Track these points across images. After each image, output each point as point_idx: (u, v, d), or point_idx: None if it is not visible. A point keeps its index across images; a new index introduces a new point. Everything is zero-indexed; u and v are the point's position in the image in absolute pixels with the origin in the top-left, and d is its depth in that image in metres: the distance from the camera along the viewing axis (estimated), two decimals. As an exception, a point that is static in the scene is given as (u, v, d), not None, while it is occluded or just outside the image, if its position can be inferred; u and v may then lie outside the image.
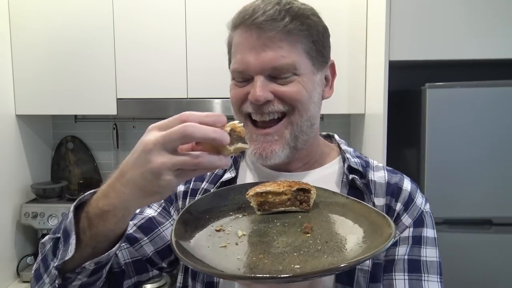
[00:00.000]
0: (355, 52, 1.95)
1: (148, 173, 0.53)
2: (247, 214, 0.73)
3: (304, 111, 0.76)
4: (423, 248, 0.76)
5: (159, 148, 0.53)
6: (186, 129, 0.52)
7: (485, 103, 1.67)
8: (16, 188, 2.08)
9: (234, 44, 0.77)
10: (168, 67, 1.97)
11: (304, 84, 0.75)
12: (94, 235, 0.61)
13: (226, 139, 0.55)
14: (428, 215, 0.80)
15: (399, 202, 0.78)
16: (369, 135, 1.96)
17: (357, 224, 0.65)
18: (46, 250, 0.68)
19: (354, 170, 0.81)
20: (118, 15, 1.96)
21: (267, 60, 0.72)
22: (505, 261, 1.69)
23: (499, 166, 1.68)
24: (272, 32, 0.71)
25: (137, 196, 0.56)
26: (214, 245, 0.64)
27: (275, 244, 0.62)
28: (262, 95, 0.72)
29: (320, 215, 0.70)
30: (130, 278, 0.80)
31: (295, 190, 0.71)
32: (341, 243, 0.61)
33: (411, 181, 0.82)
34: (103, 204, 0.59)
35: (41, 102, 2.02)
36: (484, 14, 1.71)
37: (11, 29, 1.99)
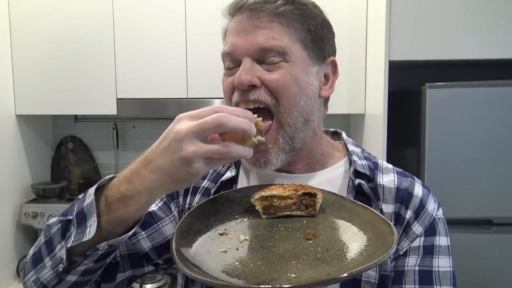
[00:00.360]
0: (355, 52, 1.95)
1: (179, 160, 0.55)
2: (252, 218, 0.72)
3: (292, 105, 0.71)
4: (435, 258, 0.73)
5: (191, 137, 0.54)
6: (221, 118, 0.54)
7: (485, 103, 1.67)
8: (16, 188, 2.08)
9: (227, 31, 0.76)
10: (168, 67, 1.97)
11: (293, 73, 0.71)
12: (112, 220, 0.61)
13: (254, 130, 0.58)
14: (441, 222, 0.76)
15: (409, 209, 0.74)
16: (369, 135, 1.96)
17: (362, 231, 0.64)
18: (52, 232, 0.67)
19: (361, 173, 0.77)
20: (118, 15, 1.96)
21: (255, 40, 0.69)
22: (505, 261, 1.69)
23: (499, 166, 1.68)
24: (262, 13, 0.69)
25: (164, 183, 0.57)
26: (215, 249, 0.64)
27: (275, 250, 0.62)
28: (246, 78, 0.69)
29: (325, 220, 0.69)
30: (124, 271, 0.78)
31: (300, 194, 0.70)
32: (342, 252, 0.60)
33: (422, 185, 0.78)
34: (126, 189, 0.59)
35: (41, 102, 2.02)
36: (484, 14, 1.71)
37: (11, 29, 1.99)
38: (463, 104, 1.68)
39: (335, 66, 0.80)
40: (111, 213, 0.61)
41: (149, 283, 1.95)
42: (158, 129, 2.34)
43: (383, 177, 0.77)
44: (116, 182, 0.61)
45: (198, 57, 1.93)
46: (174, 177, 0.57)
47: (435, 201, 0.77)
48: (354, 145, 0.84)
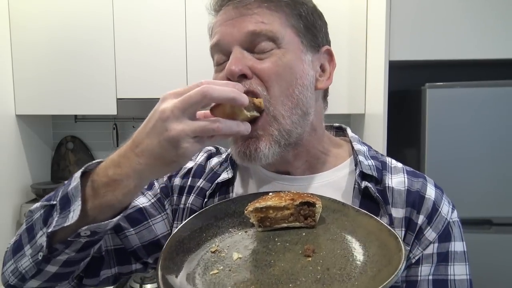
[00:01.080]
0: (355, 52, 1.95)
1: (166, 141, 0.52)
2: (247, 231, 0.66)
3: (286, 95, 0.65)
4: (451, 265, 0.67)
5: (177, 115, 0.52)
6: (205, 89, 0.51)
7: (485, 103, 1.67)
8: (16, 188, 2.08)
9: (213, 27, 0.71)
10: (168, 67, 1.97)
11: (287, 60, 0.65)
12: (98, 205, 0.58)
13: (245, 99, 0.54)
14: (456, 225, 0.69)
15: (421, 214, 0.67)
16: (369, 135, 1.96)
17: (366, 245, 0.58)
18: (34, 218, 0.63)
19: (367, 175, 0.70)
20: (118, 15, 1.96)
21: (243, 26, 0.65)
22: (505, 261, 1.70)
23: (499, 166, 1.68)
24: (249, 0, 0.65)
25: (153, 165, 0.55)
26: (206, 271, 0.59)
27: (270, 270, 0.57)
28: (237, 67, 0.63)
29: (326, 232, 0.63)
30: (110, 268, 0.74)
31: (298, 204, 0.63)
32: (344, 271, 0.54)
33: (435, 186, 0.72)
34: (113, 173, 0.56)
35: (41, 102, 2.02)
36: (484, 14, 1.71)
37: (11, 29, 1.99)
38: (463, 104, 1.68)
39: (331, 55, 0.73)
40: (98, 198, 0.57)
41: (149, 283, 1.95)
42: (158, 129, 2.35)
43: (392, 178, 0.71)
44: (103, 166, 0.58)
45: (198, 57, 1.93)
46: (162, 159, 0.54)
47: (449, 203, 0.71)
48: (360, 142, 0.78)
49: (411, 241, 0.67)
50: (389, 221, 0.66)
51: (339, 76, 1.97)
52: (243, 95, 0.55)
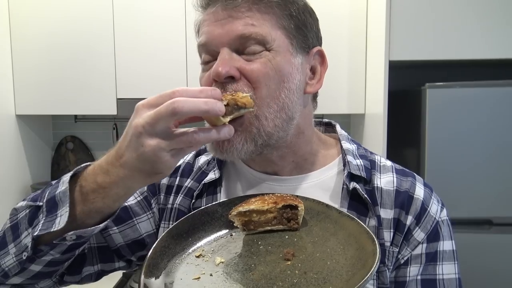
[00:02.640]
0: (355, 52, 1.95)
1: (143, 157, 0.51)
2: (233, 234, 0.67)
3: (272, 98, 0.63)
4: (439, 264, 0.67)
5: (149, 131, 0.50)
6: (175, 105, 0.49)
7: (485, 103, 1.67)
8: (16, 188, 2.08)
9: (200, 24, 0.69)
10: (168, 66, 1.97)
11: (276, 62, 0.64)
12: (87, 210, 0.58)
13: (220, 109, 0.52)
14: (445, 225, 0.69)
15: (409, 214, 0.67)
16: (369, 135, 1.96)
17: (345, 247, 0.59)
18: (19, 217, 0.63)
19: (356, 176, 0.69)
20: (119, 15, 1.96)
21: (233, 28, 0.63)
22: (505, 261, 1.69)
23: (499, 166, 1.68)
24: (238, 1, 0.63)
25: (137, 177, 0.54)
26: (188, 276, 0.59)
27: (250, 275, 0.58)
28: (224, 69, 0.61)
29: (308, 234, 0.64)
30: (92, 265, 0.73)
31: (280, 207, 0.64)
32: (320, 275, 0.55)
33: (424, 185, 0.72)
34: (102, 181, 0.56)
35: (41, 102, 2.02)
36: (484, 14, 1.72)
37: (11, 29, 1.99)
38: (463, 104, 1.68)
39: (323, 57, 0.71)
40: (87, 204, 0.57)
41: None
42: (158, 129, 2.34)
43: (381, 177, 0.70)
44: (92, 172, 0.58)
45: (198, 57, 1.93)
46: (144, 172, 0.53)
47: (438, 202, 0.71)
48: (349, 140, 0.76)
49: (399, 242, 0.67)
50: (377, 223, 0.66)
51: (339, 76, 1.98)
52: (217, 105, 0.52)
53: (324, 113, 2.15)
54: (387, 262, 0.66)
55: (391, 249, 0.67)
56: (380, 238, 0.66)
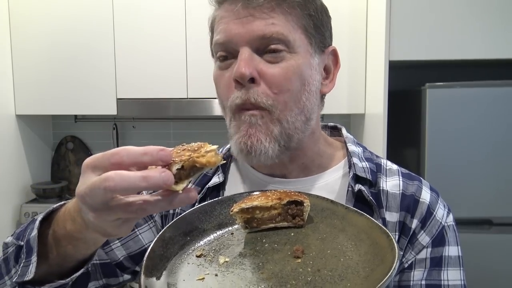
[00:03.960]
0: (355, 52, 1.95)
1: (91, 224, 0.48)
2: (233, 232, 0.64)
3: (294, 102, 0.63)
4: (444, 270, 0.66)
5: (88, 202, 0.45)
6: (106, 184, 0.43)
7: (485, 103, 1.67)
8: (16, 188, 2.08)
9: (216, 22, 0.66)
10: (168, 67, 1.97)
11: (297, 65, 0.63)
12: (62, 255, 0.56)
13: (165, 181, 0.43)
14: (451, 230, 0.68)
15: (415, 218, 0.67)
16: (369, 135, 1.96)
17: (356, 243, 0.56)
18: (8, 252, 0.62)
19: (361, 178, 0.68)
20: (119, 16, 1.96)
21: (254, 27, 0.61)
22: (505, 261, 1.69)
23: (499, 166, 1.68)
24: (260, 0, 0.61)
25: (97, 234, 0.50)
26: (191, 276, 0.55)
27: (259, 274, 0.54)
28: (247, 70, 0.60)
29: (315, 231, 0.61)
30: (97, 280, 0.72)
31: (285, 203, 0.61)
32: (335, 272, 0.52)
33: (430, 189, 0.71)
34: (70, 229, 0.53)
35: (41, 102, 2.02)
36: (484, 14, 1.71)
37: (11, 30, 1.99)
38: (463, 104, 1.68)
39: (336, 56, 0.71)
40: (60, 249, 0.55)
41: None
42: (158, 129, 2.35)
43: (386, 180, 0.70)
44: (62, 216, 0.55)
45: (198, 57, 1.93)
46: (101, 232, 0.49)
47: (444, 206, 0.70)
48: (355, 143, 0.76)
49: (404, 246, 0.66)
50: (382, 225, 0.65)
51: (339, 76, 1.96)
52: (161, 178, 0.43)
53: (324, 113, 2.15)
54: None
55: None
56: None
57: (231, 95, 0.64)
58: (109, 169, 0.44)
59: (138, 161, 0.44)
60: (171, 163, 0.45)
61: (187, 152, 0.47)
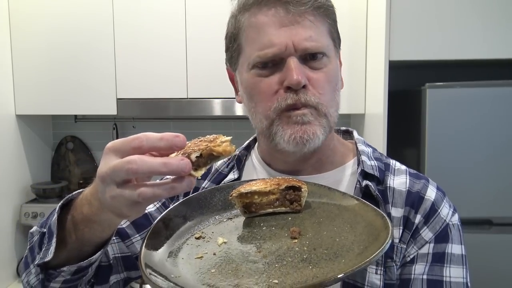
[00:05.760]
0: (355, 52, 1.95)
1: (107, 203, 0.51)
2: (232, 217, 0.66)
3: (331, 101, 0.69)
4: (446, 267, 0.67)
5: (108, 182, 0.48)
6: (130, 166, 0.46)
7: (485, 103, 1.67)
8: (16, 188, 2.08)
9: (251, 27, 0.68)
10: (168, 67, 1.97)
11: (332, 68, 0.70)
12: (80, 239, 0.59)
13: (183, 169, 0.47)
14: (456, 229, 0.70)
15: (419, 213, 0.69)
16: (369, 135, 1.96)
17: (352, 225, 0.58)
18: (34, 241, 0.67)
19: (369, 175, 0.72)
20: (119, 15, 1.96)
21: (301, 40, 0.65)
22: (505, 261, 1.69)
23: (499, 166, 1.68)
24: (303, 7, 0.64)
25: (111, 215, 0.53)
26: (190, 256, 0.57)
27: (256, 253, 0.56)
28: (302, 78, 0.65)
29: (312, 215, 0.63)
30: (118, 273, 0.76)
31: (283, 188, 0.63)
32: (331, 250, 0.54)
33: (437, 188, 0.73)
34: (87, 212, 0.56)
35: (41, 102, 2.02)
36: (484, 14, 1.71)
37: (11, 30, 1.99)
38: (463, 104, 1.68)
39: (339, 54, 0.78)
40: (78, 233, 0.59)
41: (149, 283, 1.94)
42: (158, 129, 2.35)
43: (394, 179, 0.73)
44: (79, 202, 0.59)
45: (198, 57, 1.93)
46: (115, 212, 0.52)
47: (450, 206, 0.72)
48: (365, 144, 0.80)
49: (407, 240, 0.68)
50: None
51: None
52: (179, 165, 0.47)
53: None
54: (395, 257, 0.67)
55: (399, 246, 0.68)
56: None
57: (278, 98, 0.67)
58: (130, 153, 0.48)
59: (155, 146, 0.49)
60: (190, 152, 0.50)
61: (204, 142, 0.52)
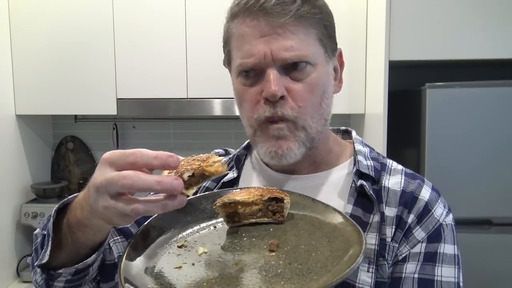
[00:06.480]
0: (355, 52, 1.95)
1: (98, 211, 0.52)
2: (216, 226, 0.67)
3: (315, 110, 0.68)
4: (438, 266, 0.67)
5: (102, 192, 0.50)
6: (125, 182, 0.49)
7: (485, 103, 1.67)
8: (16, 188, 2.08)
9: (236, 36, 0.68)
10: (168, 67, 1.97)
11: (317, 77, 0.68)
12: (75, 242, 0.60)
13: (176, 188, 0.50)
14: (449, 229, 0.70)
15: (412, 213, 0.69)
16: (369, 135, 1.96)
17: (330, 240, 0.59)
18: (37, 242, 0.68)
19: (365, 174, 0.72)
20: (119, 15, 1.96)
21: (280, 50, 0.64)
22: (505, 261, 1.69)
23: (499, 166, 1.68)
24: (283, 18, 0.63)
25: (102, 221, 0.55)
26: (170, 265, 0.58)
27: (233, 265, 0.57)
28: (279, 90, 0.64)
29: (293, 227, 0.64)
30: None
31: (266, 199, 0.64)
32: (305, 265, 0.55)
33: (432, 189, 0.73)
34: (80, 216, 0.58)
35: (41, 102, 2.02)
36: (484, 14, 1.71)
37: (11, 30, 1.99)
38: (463, 104, 1.68)
39: (341, 56, 0.76)
40: (73, 236, 0.60)
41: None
42: (158, 129, 2.35)
43: (389, 178, 0.73)
44: (74, 206, 0.60)
45: (198, 57, 1.93)
46: (105, 220, 0.54)
47: (444, 206, 0.72)
48: (363, 144, 0.80)
49: (399, 239, 0.68)
50: (380, 219, 0.68)
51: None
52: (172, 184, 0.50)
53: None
54: (386, 256, 0.68)
55: (391, 245, 0.68)
56: (382, 233, 0.68)
57: (259, 109, 0.68)
58: (125, 167, 0.51)
59: (149, 163, 0.51)
60: (183, 171, 0.51)
61: (197, 162, 0.53)
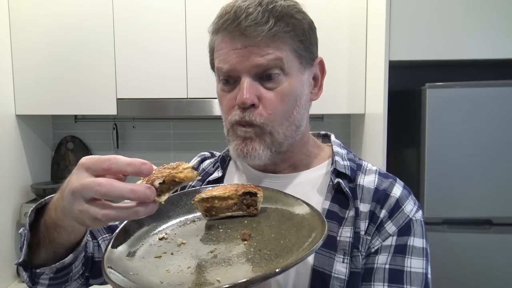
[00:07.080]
0: (355, 52, 1.95)
1: (74, 212, 0.54)
2: (195, 220, 0.72)
3: (285, 118, 0.73)
4: (408, 258, 0.72)
5: (77, 196, 0.52)
6: (99, 188, 0.51)
7: (485, 103, 1.67)
8: (16, 188, 2.08)
9: (216, 47, 0.74)
10: (168, 67, 1.97)
11: (291, 86, 0.72)
12: (52, 242, 0.62)
13: (148, 197, 0.51)
14: (418, 224, 0.75)
15: (384, 209, 0.74)
16: (369, 135, 1.96)
17: (298, 229, 0.64)
18: (22, 241, 0.69)
19: (342, 173, 0.78)
20: (119, 15, 1.96)
21: (252, 61, 0.70)
22: (505, 261, 1.69)
23: (499, 166, 1.68)
24: (257, 39, 0.68)
25: (75, 222, 0.56)
26: (150, 255, 0.62)
27: (208, 253, 0.61)
28: (250, 98, 0.69)
29: (266, 219, 0.69)
30: None
31: (241, 194, 0.69)
32: (273, 251, 0.59)
33: (403, 187, 0.78)
34: (54, 216, 0.59)
35: (41, 102, 2.02)
36: (484, 14, 1.71)
37: (11, 29, 1.99)
38: (463, 104, 1.68)
39: (323, 65, 0.80)
40: (50, 236, 0.61)
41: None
42: (158, 129, 2.35)
43: (364, 178, 0.78)
44: (50, 206, 0.61)
45: (198, 57, 1.93)
46: (79, 222, 0.55)
47: (414, 203, 0.77)
48: (341, 146, 0.85)
49: (372, 232, 0.73)
50: (355, 214, 0.74)
51: (339, 76, 1.98)
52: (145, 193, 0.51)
53: (324, 113, 2.15)
54: (360, 248, 0.72)
55: (364, 237, 0.73)
56: (356, 227, 0.73)
57: (232, 113, 0.73)
58: (100, 172, 0.53)
59: (123, 170, 0.53)
60: (154, 179, 0.54)
61: (167, 169, 0.56)
